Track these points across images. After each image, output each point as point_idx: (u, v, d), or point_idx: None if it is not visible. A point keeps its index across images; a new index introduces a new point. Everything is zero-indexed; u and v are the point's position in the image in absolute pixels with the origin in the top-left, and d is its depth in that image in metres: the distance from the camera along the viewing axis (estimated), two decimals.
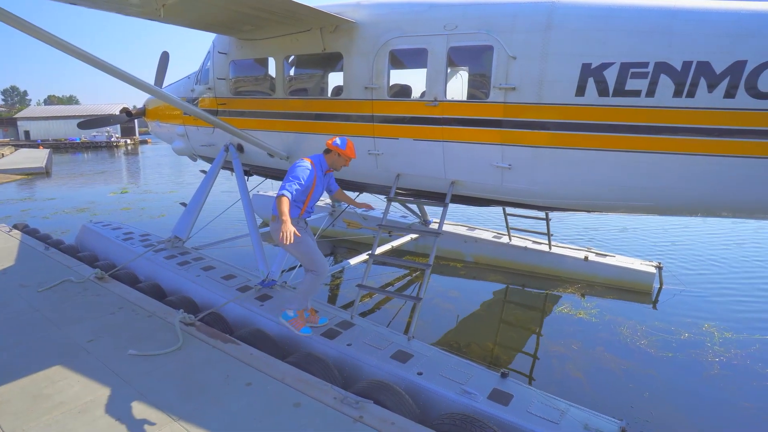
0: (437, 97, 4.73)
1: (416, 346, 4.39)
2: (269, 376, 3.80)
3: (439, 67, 4.68)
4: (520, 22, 4.24)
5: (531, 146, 4.39)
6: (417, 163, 5.07)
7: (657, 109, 3.81)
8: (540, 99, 4.22)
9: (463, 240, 8.46)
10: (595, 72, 3.95)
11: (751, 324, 6.12)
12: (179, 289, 5.92)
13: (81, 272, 6.14)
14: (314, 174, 4.38)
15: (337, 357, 4.30)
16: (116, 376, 3.78)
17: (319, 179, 4.48)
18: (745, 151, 3.61)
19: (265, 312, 5.04)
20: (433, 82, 4.74)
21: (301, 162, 4.38)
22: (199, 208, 7.13)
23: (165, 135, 9.09)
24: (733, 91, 3.55)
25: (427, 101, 4.77)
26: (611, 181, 4.21)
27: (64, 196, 16.93)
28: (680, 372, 5.06)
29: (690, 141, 3.76)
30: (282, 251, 5.86)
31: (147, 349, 4.22)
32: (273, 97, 6.13)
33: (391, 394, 3.58)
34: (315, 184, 4.41)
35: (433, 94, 4.75)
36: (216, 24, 5.53)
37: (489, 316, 6.61)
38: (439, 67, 4.68)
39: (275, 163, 6.59)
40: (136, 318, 4.88)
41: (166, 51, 9.54)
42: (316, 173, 4.42)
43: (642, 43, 3.80)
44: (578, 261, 7.48)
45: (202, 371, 3.88)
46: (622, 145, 4.02)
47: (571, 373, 5.09)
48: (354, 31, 5.10)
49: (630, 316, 6.32)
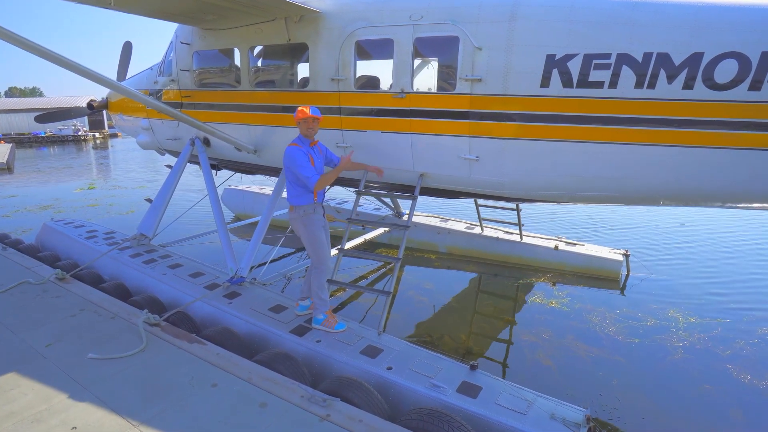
0: (404, 89, 4.67)
1: (386, 340, 4.37)
2: (235, 376, 3.72)
3: (406, 59, 4.61)
4: (485, 13, 4.21)
5: (498, 138, 4.38)
6: (385, 156, 5.02)
7: (619, 100, 3.83)
8: (506, 90, 4.21)
9: (436, 231, 8.48)
10: (560, 63, 3.95)
11: (714, 308, 6.33)
12: (145, 288, 5.75)
13: (41, 273, 5.90)
14: (305, 151, 4.42)
15: (307, 354, 4.25)
16: (74, 382, 3.63)
17: (314, 155, 4.51)
18: (704, 141, 3.67)
19: (233, 310, 4.94)
20: (400, 73, 4.67)
21: (290, 149, 4.40)
22: (166, 204, 6.92)
23: (129, 128, 8.80)
24: (691, 82, 3.59)
25: (394, 93, 4.71)
26: (577, 172, 4.24)
27: (27, 192, 16.27)
28: (646, 358, 5.19)
29: (651, 132, 3.81)
30: (252, 246, 5.75)
31: (109, 352, 4.08)
32: (238, 89, 5.96)
33: (359, 391, 3.55)
34: (313, 160, 4.45)
35: (400, 86, 4.69)
36: (175, 13, 5.32)
37: (462, 307, 6.65)
38: (406, 59, 4.61)
39: (243, 157, 6.44)
40: (99, 320, 4.71)
41: (129, 41, 9.20)
42: (307, 150, 4.45)
43: (604, 34, 3.81)
44: (549, 250, 7.58)
45: (166, 373, 3.77)
46: (586, 136, 4.04)
47: (541, 361, 5.17)
48: (319, 21, 4.98)
49: (599, 304, 6.45)
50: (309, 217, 4.50)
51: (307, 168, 4.33)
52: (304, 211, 4.48)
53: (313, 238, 4.52)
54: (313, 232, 4.51)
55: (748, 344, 5.41)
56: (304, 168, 4.32)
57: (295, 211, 4.50)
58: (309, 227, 4.50)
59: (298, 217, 4.51)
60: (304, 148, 4.43)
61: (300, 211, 4.48)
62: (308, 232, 4.50)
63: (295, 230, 4.63)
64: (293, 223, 4.58)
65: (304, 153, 4.39)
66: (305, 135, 4.49)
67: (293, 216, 4.54)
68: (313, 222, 4.52)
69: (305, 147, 4.46)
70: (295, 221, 4.54)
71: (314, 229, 4.52)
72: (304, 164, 4.33)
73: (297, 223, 4.54)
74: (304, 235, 4.54)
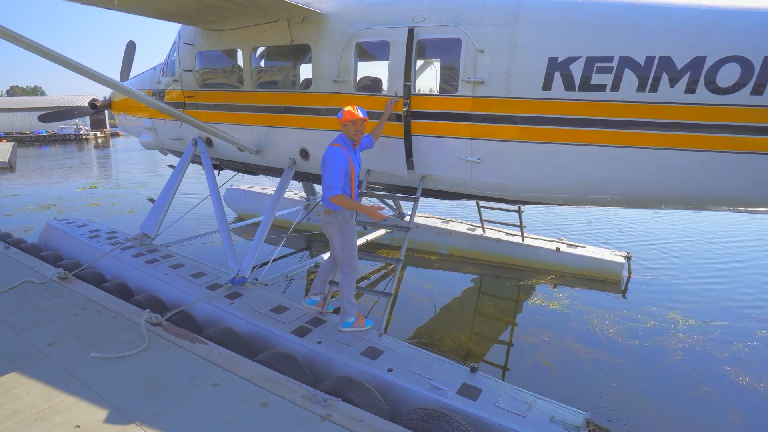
0: (397, 93, 4.68)
1: (387, 342, 4.38)
2: (237, 376, 3.74)
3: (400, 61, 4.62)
4: (488, 15, 4.22)
5: (500, 140, 4.39)
6: (387, 158, 5.03)
7: (621, 104, 3.84)
8: (508, 93, 4.21)
9: (437, 232, 8.49)
10: (562, 66, 3.96)
11: (714, 311, 6.33)
12: (147, 288, 5.77)
13: (43, 272, 5.92)
14: (346, 155, 4.24)
15: (308, 355, 4.26)
16: (77, 380, 3.65)
17: (353, 158, 4.35)
18: (705, 145, 3.68)
19: (235, 310, 4.96)
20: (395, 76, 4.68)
21: (331, 150, 4.22)
22: (168, 204, 6.95)
23: (132, 128, 8.83)
24: (693, 86, 3.60)
25: (396, 95, 4.72)
26: (578, 175, 4.25)
27: (29, 192, 16.31)
28: (645, 359, 5.20)
29: (653, 135, 3.81)
30: (254, 246, 5.76)
31: (111, 351, 4.10)
32: (241, 90, 5.98)
33: (360, 391, 3.56)
34: (352, 164, 4.30)
35: (394, 90, 4.70)
36: (178, 14, 5.35)
37: (463, 308, 6.66)
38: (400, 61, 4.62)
39: (245, 157, 6.46)
40: (101, 319, 4.73)
41: (132, 41, 9.22)
42: (348, 153, 4.27)
43: (607, 37, 3.82)
44: (550, 252, 7.59)
45: (167, 373, 3.79)
46: (588, 139, 4.05)
47: (541, 362, 5.18)
48: (321, 23, 5.00)
49: (599, 306, 6.46)
50: (347, 223, 4.39)
51: (335, 176, 4.13)
52: (342, 217, 4.33)
53: (347, 245, 4.44)
54: (349, 239, 4.43)
55: (747, 346, 5.42)
56: (332, 176, 4.12)
57: (333, 216, 4.31)
58: (346, 234, 4.40)
59: (335, 223, 4.34)
60: (347, 152, 4.24)
61: (339, 217, 4.32)
62: (344, 238, 4.40)
63: (329, 234, 4.45)
64: (328, 227, 4.40)
65: (345, 158, 4.19)
66: (351, 138, 4.31)
67: (329, 220, 4.35)
68: (351, 229, 4.43)
69: (349, 150, 4.28)
70: (331, 226, 4.37)
71: (351, 236, 4.44)
72: (335, 171, 4.12)
73: (332, 228, 4.37)
74: (339, 241, 4.41)
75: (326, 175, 4.18)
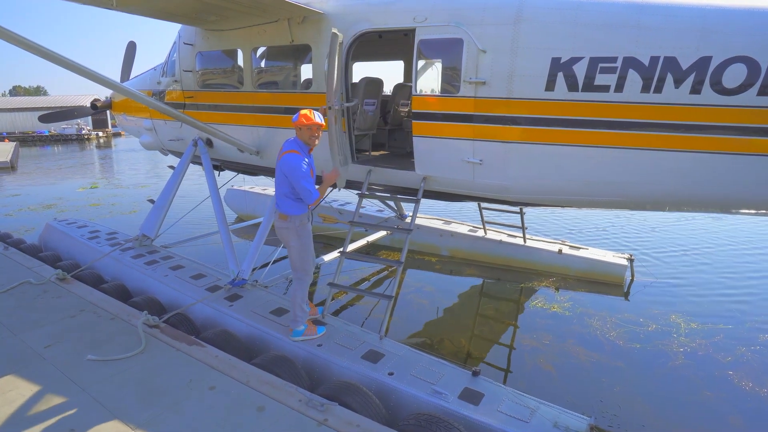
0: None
1: (388, 345, 4.33)
2: (233, 379, 3.70)
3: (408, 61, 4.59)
4: (490, 15, 4.17)
5: (502, 141, 4.34)
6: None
7: (625, 105, 3.79)
8: (510, 94, 4.17)
9: (438, 234, 8.43)
10: (565, 66, 3.92)
11: (716, 314, 6.27)
12: (146, 290, 5.73)
13: (42, 273, 5.88)
14: (305, 160, 4.09)
15: (307, 358, 4.21)
16: (73, 383, 3.62)
17: (311, 162, 4.22)
18: (711, 146, 3.63)
19: (234, 312, 4.91)
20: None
21: (292, 157, 4.03)
22: (168, 204, 6.91)
23: (132, 129, 8.80)
24: (698, 87, 3.55)
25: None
26: (582, 176, 4.20)
27: (30, 191, 16.30)
28: (647, 363, 5.14)
29: (657, 136, 3.76)
30: (254, 247, 5.72)
31: (108, 353, 4.06)
32: (241, 90, 5.94)
33: (357, 396, 3.51)
34: (312, 172, 4.20)
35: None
36: (178, 14, 5.31)
37: (463, 311, 6.61)
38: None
39: (246, 158, 6.42)
40: (98, 321, 4.69)
41: (133, 41, 9.20)
42: (306, 158, 4.12)
43: (611, 37, 3.77)
44: (552, 254, 7.53)
45: (164, 375, 3.75)
46: (591, 141, 4.00)
47: (542, 366, 5.12)
48: (322, 23, 4.96)
49: (601, 308, 6.40)
50: (305, 227, 4.27)
51: (309, 181, 4.03)
52: (300, 221, 4.21)
53: (305, 250, 4.32)
54: (306, 244, 4.32)
55: (750, 351, 5.35)
56: (307, 181, 4.01)
57: (289, 221, 4.17)
58: (303, 238, 4.28)
59: (292, 228, 4.19)
60: (304, 156, 4.10)
61: (296, 221, 4.19)
62: (302, 243, 4.27)
63: (285, 240, 4.28)
64: (285, 232, 4.23)
65: (307, 163, 4.09)
66: (306, 143, 4.14)
67: (286, 225, 4.19)
68: (308, 233, 4.32)
69: (304, 155, 4.12)
70: (288, 231, 4.21)
71: (308, 241, 4.33)
72: (306, 176, 4.02)
73: (290, 233, 4.21)
74: (296, 246, 4.26)
75: (301, 183, 3.98)
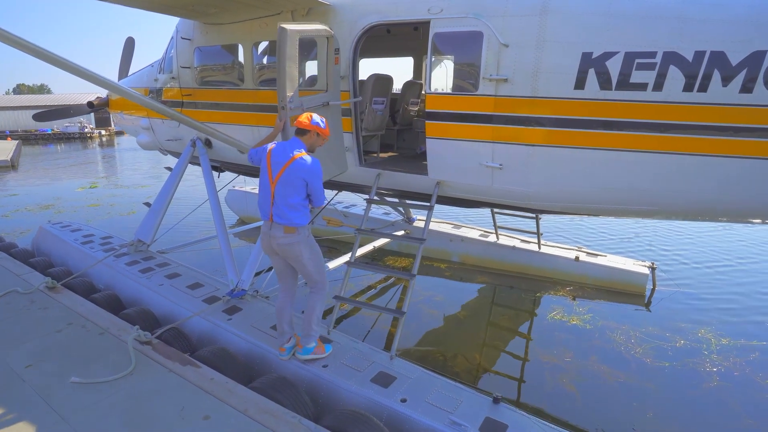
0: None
1: (399, 366, 3.97)
2: (231, 407, 3.34)
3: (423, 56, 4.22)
4: (513, 6, 3.81)
5: (525, 144, 3.98)
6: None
7: (665, 105, 3.43)
8: (535, 92, 3.81)
9: (448, 239, 8.06)
10: (597, 62, 3.56)
11: (747, 329, 5.88)
12: (140, 300, 5.38)
13: (30, 282, 5.54)
14: None
15: (311, 380, 3.86)
16: (53, 411, 3.27)
17: None
18: (764, 152, 3.25)
19: (232, 327, 4.57)
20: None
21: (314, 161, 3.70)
22: (165, 208, 6.57)
23: (129, 128, 8.50)
24: (750, 85, 3.18)
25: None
26: (612, 184, 3.84)
27: (29, 191, 16.01)
28: (679, 385, 4.76)
29: (701, 140, 3.40)
30: (254, 255, 5.37)
31: (94, 373, 3.72)
32: (242, 88, 5.60)
33: (367, 428, 3.16)
34: None
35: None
36: (174, 6, 4.97)
37: (476, 322, 6.24)
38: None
39: (246, 159, 6.06)
40: (87, 336, 4.35)
41: (131, 37, 8.89)
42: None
43: (649, 30, 3.40)
44: (569, 261, 7.15)
45: (154, 401, 3.40)
46: (625, 144, 3.64)
47: (564, 386, 4.76)
48: (328, 15, 4.61)
49: (623, 321, 6.02)
50: (311, 236, 3.94)
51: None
52: (308, 230, 3.86)
53: (318, 257, 3.96)
54: (317, 251, 3.97)
55: None
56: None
57: (298, 233, 3.73)
58: (315, 247, 3.93)
59: (302, 240, 3.77)
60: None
61: (304, 232, 3.79)
62: (314, 252, 3.91)
63: (295, 255, 3.79)
64: (295, 247, 3.75)
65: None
66: (310, 147, 3.82)
67: (296, 240, 3.73)
68: (315, 241, 3.98)
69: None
70: (299, 245, 3.76)
71: (317, 247, 3.98)
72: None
73: (300, 247, 3.77)
74: (310, 257, 3.86)
75: (320, 183, 3.74)
